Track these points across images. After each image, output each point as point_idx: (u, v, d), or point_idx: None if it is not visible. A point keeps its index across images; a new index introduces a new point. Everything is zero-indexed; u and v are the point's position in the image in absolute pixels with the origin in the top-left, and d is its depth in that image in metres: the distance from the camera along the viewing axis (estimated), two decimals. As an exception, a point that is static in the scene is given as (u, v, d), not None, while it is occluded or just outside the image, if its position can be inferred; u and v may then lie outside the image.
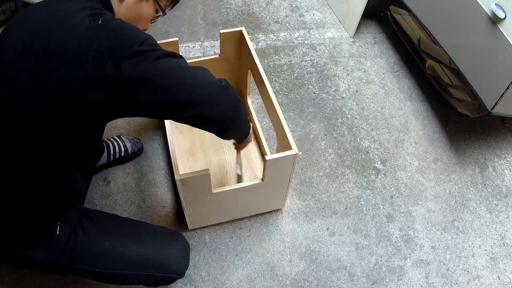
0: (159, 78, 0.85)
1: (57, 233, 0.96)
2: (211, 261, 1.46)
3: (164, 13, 1.09)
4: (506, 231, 1.62)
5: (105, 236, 1.06)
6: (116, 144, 1.62)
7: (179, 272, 1.18)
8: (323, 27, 2.31)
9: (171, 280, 1.21)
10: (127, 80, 0.82)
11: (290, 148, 1.25)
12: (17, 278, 1.39)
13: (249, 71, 1.62)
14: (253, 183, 1.32)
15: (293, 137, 1.28)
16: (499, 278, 1.50)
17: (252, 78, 1.59)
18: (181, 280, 1.41)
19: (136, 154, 1.68)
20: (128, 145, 1.65)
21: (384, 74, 2.10)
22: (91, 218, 1.07)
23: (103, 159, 1.59)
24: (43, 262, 0.97)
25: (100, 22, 0.84)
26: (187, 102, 0.89)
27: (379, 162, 1.76)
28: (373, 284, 1.45)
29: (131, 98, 0.85)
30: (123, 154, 1.63)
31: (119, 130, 1.78)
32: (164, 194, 1.60)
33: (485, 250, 1.57)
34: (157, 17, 1.10)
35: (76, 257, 1.00)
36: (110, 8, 0.96)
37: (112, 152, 1.60)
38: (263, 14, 2.35)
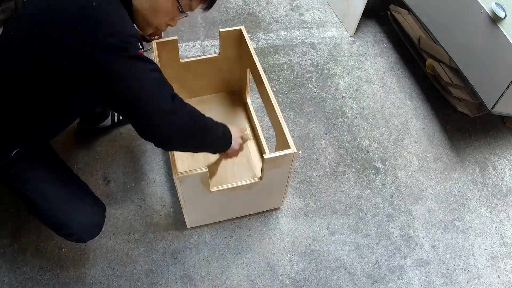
0: (121, 77, 0.94)
1: (12, 154, 1.11)
2: (211, 260, 1.46)
3: (183, 13, 1.13)
4: (506, 230, 1.62)
5: (45, 173, 1.21)
6: None
7: (81, 231, 1.24)
8: (323, 26, 2.31)
9: (71, 236, 1.25)
10: (97, 68, 0.93)
11: (288, 147, 1.25)
12: (17, 278, 1.39)
13: (248, 70, 1.62)
14: (252, 181, 1.32)
15: (293, 136, 1.28)
16: (499, 278, 1.50)
17: (252, 77, 1.59)
18: (181, 279, 1.41)
19: None
20: None
21: (384, 73, 2.10)
22: (45, 158, 1.24)
23: (107, 121, 1.69)
24: None
25: (94, 3, 0.92)
26: (129, 106, 0.99)
27: (379, 161, 1.76)
28: (373, 284, 1.45)
29: (92, 80, 0.96)
30: None
31: (119, 129, 1.77)
32: (164, 193, 1.60)
33: (485, 249, 1.56)
34: (175, 17, 1.15)
35: (17, 176, 1.16)
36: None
37: (116, 114, 1.70)
38: (263, 13, 2.35)
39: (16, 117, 1.07)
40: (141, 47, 1.00)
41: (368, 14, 2.26)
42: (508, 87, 1.46)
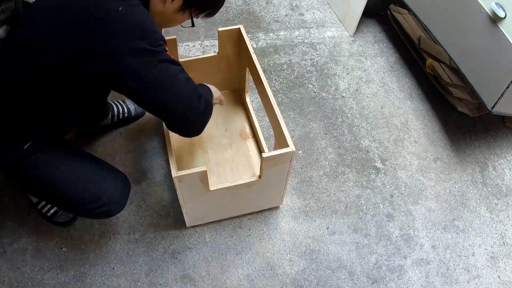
0: (152, 79, 0.98)
1: (24, 147, 1.11)
2: (211, 260, 1.46)
3: (193, 26, 1.20)
4: (506, 230, 1.62)
5: (62, 155, 1.20)
6: (120, 106, 1.73)
7: (112, 200, 1.22)
8: (323, 26, 2.31)
9: (101, 207, 1.21)
10: (125, 70, 0.95)
11: (287, 145, 1.25)
12: (17, 278, 1.39)
13: (247, 69, 1.62)
14: (251, 180, 1.32)
15: (293, 136, 1.28)
16: (499, 278, 1.50)
17: (252, 77, 1.59)
18: (181, 279, 1.41)
19: (139, 116, 1.79)
20: (132, 107, 1.76)
21: (384, 73, 2.10)
22: (59, 146, 1.22)
23: (107, 120, 1.70)
24: (3, 165, 1.13)
25: (121, 8, 0.94)
26: (163, 108, 1.04)
27: (379, 161, 1.76)
28: (373, 284, 1.45)
29: (121, 83, 0.98)
30: (126, 115, 1.74)
31: (119, 129, 1.77)
32: (164, 193, 1.60)
33: (485, 249, 1.56)
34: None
35: (33, 165, 1.13)
36: (146, 3, 1.06)
37: (116, 113, 1.71)
38: (263, 13, 2.35)
39: (34, 113, 1.07)
40: (167, 48, 1.03)
41: (368, 14, 2.26)
42: (508, 87, 1.45)
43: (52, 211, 1.50)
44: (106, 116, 1.68)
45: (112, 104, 1.71)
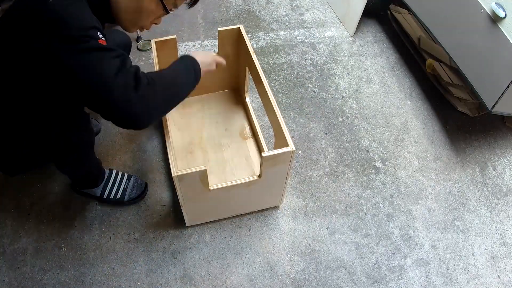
0: (79, 69, 0.91)
1: None
2: (211, 260, 1.46)
3: (167, 12, 1.11)
4: (506, 230, 1.62)
5: None
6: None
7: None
8: (323, 26, 2.31)
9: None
10: (56, 62, 0.91)
11: (287, 145, 1.25)
12: (17, 278, 1.39)
13: (247, 68, 1.62)
14: (251, 179, 1.32)
15: (293, 136, 1.28)
16: (499, 277, 1.50)
17: (252, 77, 1.59)
18: (181, 279, 1.41)
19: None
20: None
21: (384, 73, 2.10)
22: None
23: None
24: None
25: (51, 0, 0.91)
26: (95, 103, 0.95)
27: (379, 161, 1.76)
28: (373, 283, 1.45)
29: (57, 79, 0.94)
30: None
31: (119, 129, 1.77)
32: (164, 193, 1.60)
33: (485, 249, 1.56)
34: (160, 16, 1.13)
35: None
36: None
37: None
38: (263, 13, 2.35)
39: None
40: (101, 36, 0.95)
41: (368, 14, 2.26)
42: (508, 87, 1.46)
43: (120, 192, 1.53)
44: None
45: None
